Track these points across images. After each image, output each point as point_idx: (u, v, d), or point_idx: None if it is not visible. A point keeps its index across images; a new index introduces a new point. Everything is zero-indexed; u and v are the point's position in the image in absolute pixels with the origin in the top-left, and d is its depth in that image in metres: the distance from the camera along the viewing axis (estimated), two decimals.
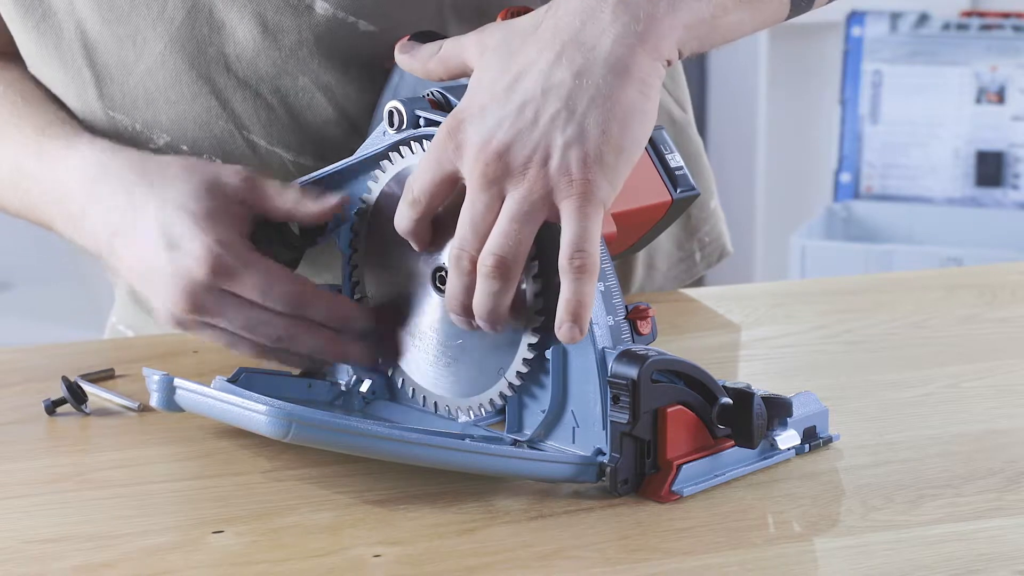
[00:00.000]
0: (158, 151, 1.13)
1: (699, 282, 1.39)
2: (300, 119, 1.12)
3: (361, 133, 1.11)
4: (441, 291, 0.95)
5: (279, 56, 1.10)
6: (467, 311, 0.91)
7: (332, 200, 1.00)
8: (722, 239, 1.38)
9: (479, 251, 0.89)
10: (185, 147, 1.13)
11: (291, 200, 1.01)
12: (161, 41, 1.11)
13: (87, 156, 1.09)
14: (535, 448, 0.91)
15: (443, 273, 0.95)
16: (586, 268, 0.86)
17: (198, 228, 1.00)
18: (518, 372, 0.92)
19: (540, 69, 0.89)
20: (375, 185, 0.98)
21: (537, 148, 0.87)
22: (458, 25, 1.10)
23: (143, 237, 1.02)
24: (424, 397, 0.98)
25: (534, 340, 0.91)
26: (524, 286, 0.90)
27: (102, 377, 1.09)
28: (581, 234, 0.86)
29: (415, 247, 0.95)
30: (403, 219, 0.94)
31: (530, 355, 0.91)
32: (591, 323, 0.88)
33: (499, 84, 0.90)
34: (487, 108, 0.89)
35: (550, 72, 0.88)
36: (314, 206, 1.00)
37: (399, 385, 1.00)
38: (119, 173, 1.07)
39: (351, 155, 1.01)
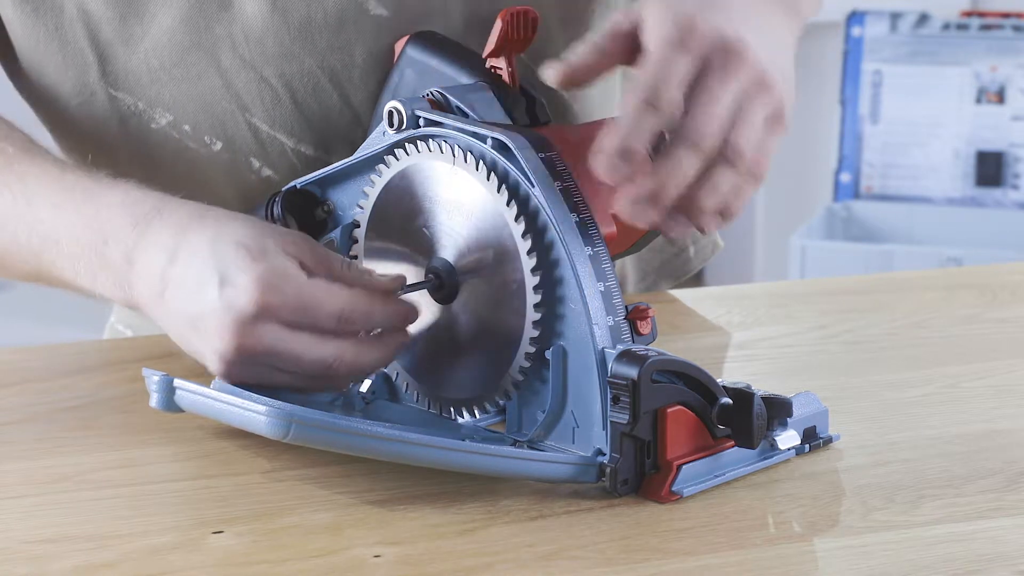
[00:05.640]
0: (159, 131, 1.14)
1: (699, 282, 1.39)
2: (303, 105, 1.13)
3: (364, 124, 1.11)
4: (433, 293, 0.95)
5: (287, 35, 1.11)
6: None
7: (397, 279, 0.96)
8: (714, 235, 1.38)
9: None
10: (187, 127, 1.13)
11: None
12: (169, 16, 1.11)
13: (133, 193, 1.02)
14: (535, 448, 0.91)
15: (434, 273, 0.95)
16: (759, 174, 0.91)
17: (251, 260, 0.93)
18: (521, 367, 0.92)
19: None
20: (374, 186, 0.98)
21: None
22: (468, 6, 1.11)
23: (194, 279, 0.95)
24: (427, 398, 0.98)
25: (536, 333, 0.91)
26: (521, 276, 0.90)
27: None
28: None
29: (619, 170, 0.89)
30: (639, 132, 0.88)
31: (532, 348, 0.91)
32: (592, 323, 0.88)
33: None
34: None
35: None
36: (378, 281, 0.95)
37: (401, 387, 1.00)
38: (174, 214, 0.99)
39: (353, 146, 1.01)
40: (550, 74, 0.93)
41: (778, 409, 0.90)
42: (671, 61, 0.89)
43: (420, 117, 0.95)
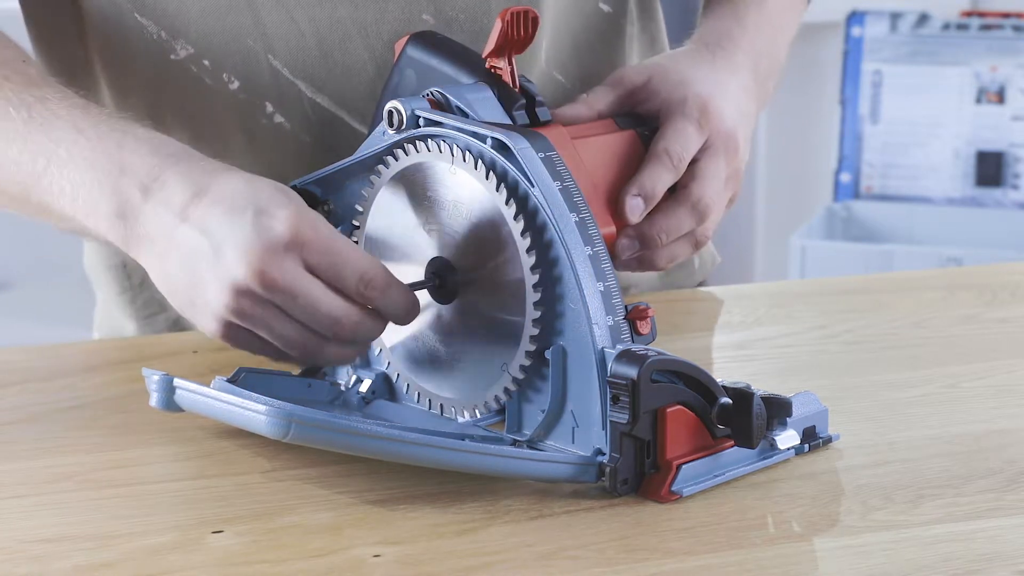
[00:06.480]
0: (178, 63, 1.14)
1: (699, 282, 1.39)
2: (329, 56, 1.14)
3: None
4: (434, 292, 0.96)
5: None
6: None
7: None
8: (711, 248, 1.39)
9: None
10: (207, 62, 1.14)
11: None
12: None
13: (161, 134, 1.00)
14: (535, 448, 0.92)
15: (434, 273, 0.95)
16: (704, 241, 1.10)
17: (288, 199, 0.93)
18: (521, 366, 0.92)
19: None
20: (374, 186, 0.98)
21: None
22: None
23: (225, 211, 0.92)
24: (427, 398, 0.98)
25: (535, 332, 0.91)
26: (520, 275, 0.91)
27: None
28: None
29: (643, 212, 1.02)
30: (662, 184, 1.04)
31: (532, 347, 0.91)
32: (591, 323, 0.88)
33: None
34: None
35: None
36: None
37: (401, 387, 1.00)
38: (202, 160, 0.97)
39: (369, 103, 1.01)
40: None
41: (778, 409, 0.91)
42: (690, 134, 1.06)
43: (420, 117, 0.96)
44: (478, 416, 0.95)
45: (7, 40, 1.10)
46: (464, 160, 0.93)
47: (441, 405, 0.97)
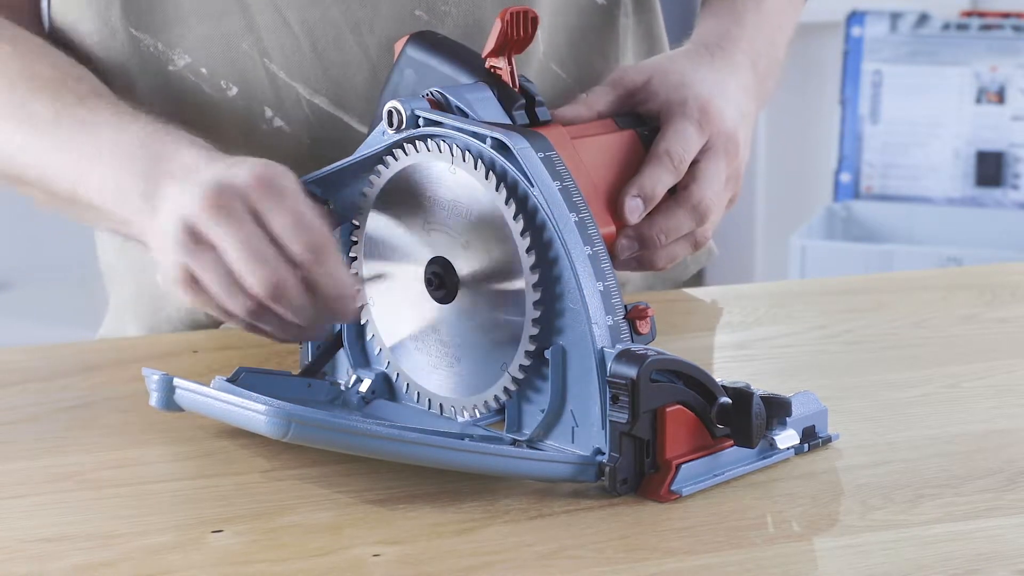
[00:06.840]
0: (176, 73, 1.15)
1: (699, 282, 1.39)
2: (324, 56, 1.15)
3: (380, 81, 1.12)
4: (433, 291, 0.96)
5: None
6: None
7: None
8: (709, 242, 1.39)
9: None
10: (204, 70, 1.15)
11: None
12: None
13: (195, 139, 1.04)
14: (534, 448, 0.92)
15: (434, 273, 0.95)
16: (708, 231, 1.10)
17: (275, 163, 0.96)
18: (521, 366, 0.92)
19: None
20: (374, 186, 0.98)
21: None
22: None
23: (222, 167, 0.96)
24: (426, 398, 0.98)
25: (535, 332, 0.91)
26: (520, 274, 0.91)
27: None
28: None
29: (642, 213, 1.02)
30: (662, 186, 1.03)
31: (532, 347, 0.91)
32: (591, 323, 0.88)
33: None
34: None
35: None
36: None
37: (402, 388, 1.00)
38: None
39: (368, 102, 1.01)
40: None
41: (777, 409, 0.91)
42: (691, 135, 1.06)
43: (420, 117, 0.96)
44: (478, 416, 0.96)
45: (59, 56, 1.14)
46: (464, 160, 0.93)
47: (441, 405, 0.97)
